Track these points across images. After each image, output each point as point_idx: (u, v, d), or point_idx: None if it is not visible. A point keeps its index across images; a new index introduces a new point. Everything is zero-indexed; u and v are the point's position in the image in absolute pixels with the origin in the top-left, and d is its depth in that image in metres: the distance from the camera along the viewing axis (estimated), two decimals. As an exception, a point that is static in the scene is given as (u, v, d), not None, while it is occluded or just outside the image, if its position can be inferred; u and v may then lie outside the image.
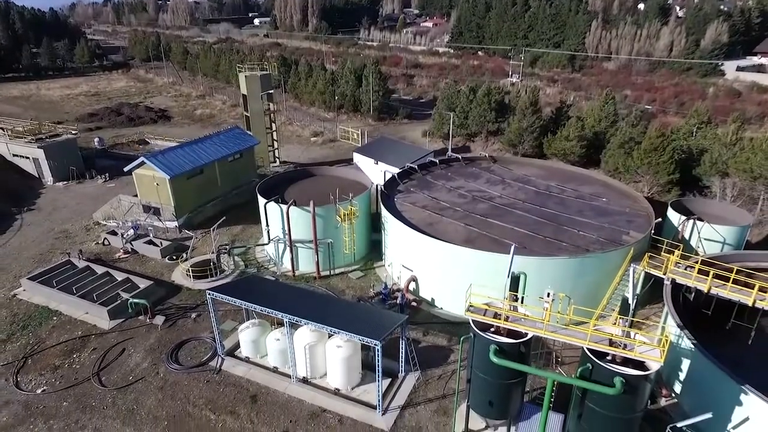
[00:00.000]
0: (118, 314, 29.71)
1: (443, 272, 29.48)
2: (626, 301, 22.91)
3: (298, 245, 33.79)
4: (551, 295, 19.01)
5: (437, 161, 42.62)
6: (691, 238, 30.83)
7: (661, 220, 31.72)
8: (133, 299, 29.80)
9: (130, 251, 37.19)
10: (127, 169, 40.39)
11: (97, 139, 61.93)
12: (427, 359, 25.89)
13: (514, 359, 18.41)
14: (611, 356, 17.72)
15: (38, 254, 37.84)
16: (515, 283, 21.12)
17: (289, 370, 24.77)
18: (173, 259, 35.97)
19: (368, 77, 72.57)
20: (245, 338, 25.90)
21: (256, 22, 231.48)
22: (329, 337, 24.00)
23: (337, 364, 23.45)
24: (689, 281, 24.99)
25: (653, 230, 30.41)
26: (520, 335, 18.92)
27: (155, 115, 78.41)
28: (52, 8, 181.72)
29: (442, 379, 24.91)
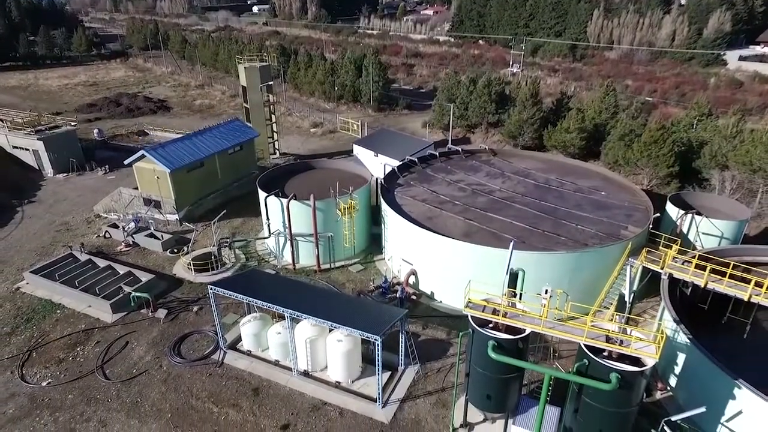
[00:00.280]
0: (120, 307, 30.02)
1: (443, 266, 29.73)
2: (623, 297, 23.16)
3: (298, 239, 33.99)
4: (549, 291, 19.26)
5: (437, 154, 42.65)
6: (689, 232, 31.01)
7: (659, 215, 31.86)
8: (135, 293, 30.10)
9: (131, 244, 37.40)
10: (127, 162, 40.45)
11: (96, 130, 61.79)
12: (426, 352, 26.25)
13: (512, 355, 18.69)
14: (607, 352, 18.01)
15: (40, 247, 38.06)
16: (513, 279, 21.33)
17: (290, 363, 25.12)
18: (174, 252, 36.19)
19: (368, 67, 72.17)
20: (247, 332, 26.23)
21: (254, 9, 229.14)
22: (330, 331, 24.30)
23: (337, 357, 23.79)
24: (686, 276, 25.25)
25: (651, 225, 30.58)
26: (518, 331, 19.19)
27: (154, 105, 78.10)
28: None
29: (441, 372, 25.28)
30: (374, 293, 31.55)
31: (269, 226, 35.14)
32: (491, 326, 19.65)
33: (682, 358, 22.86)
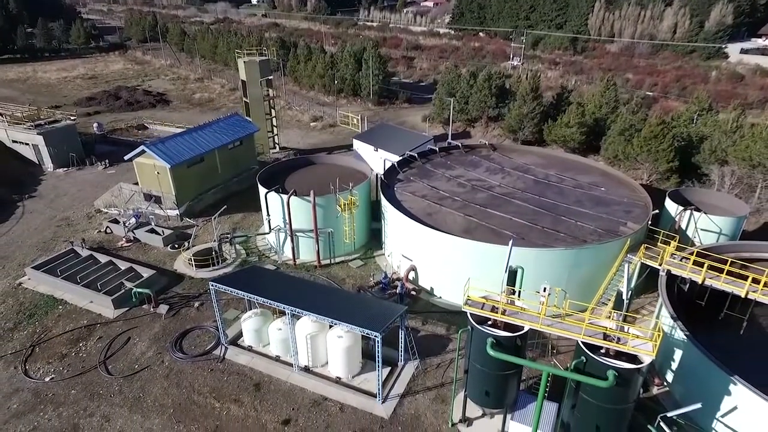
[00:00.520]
0: (122, 303, 30.22)
1: (442, 262, 29.88)
2: (621, 295, 23.32)
3: (298, 234, 34.12)
4: (547, 289, 19.43)
5: (437, 149, 42.65)
6: (687, 228, 31.13)
7: (657, 211, 31.94)
8: (136, 288, 30.28)
9: (132, 240, 37.54)
10: (127, 157, 40.46)
11: (96, 124, 61.72)
12: (425, 348, 26.48)
13: (510, 352, 18.90)
14: (605, 349, 18.21)
15: (41, 242, 38.20)
16: (512, 277, 21.48)
17: (291, 359, 25.36)
18: (175, 247, 36.34)
19: (368, 61, 71.89)
20: (248, 327, 26.44)
21: (253, 1, 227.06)
22: (330, 327, 24.50)
23: (338, 353, 24.02)
24: (684, 272, 25.42)
25: (650, 221, 30.70)
26: (516, 328, 19.38)
27: (153, 99, 77.87)
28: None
29: (440, 367, 25.53)
30: (374, 289, 31.73)
31: (269, 221, 35.25)
32: (490, 323, 19.83)
33: (679, 354, 23.08)
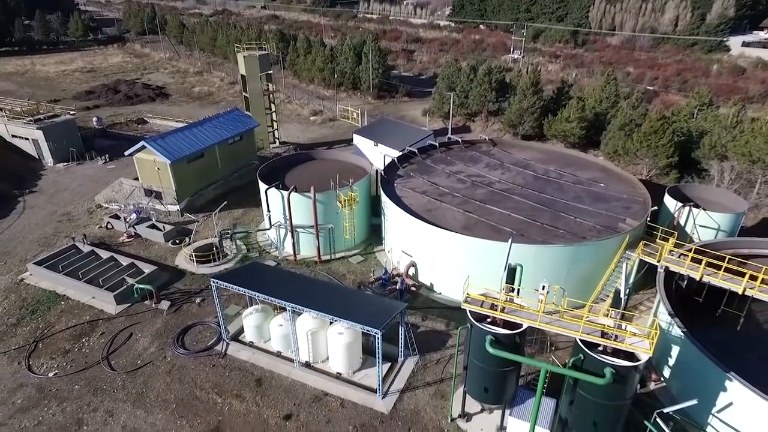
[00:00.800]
0: (124, 299, 30.43)
1: (442, 259, 30.05)
2: (619, 293, 23.52)
3: (299, 230, 34.26)
4: (546, 287, 19.59)
5: (437, 144, 42.67)
6: (686, 224, 31.26)
7: (656, 208, 32.05)
8: (138, 284, 30.47)
9: (133, 235, 37.68)
10: (128, 153, 40.50)
11: (95, 118, 61.59)
12: (425, 344, 26.73)
13: (509, 349, 19.10)
14: (602, 346, 18.41)
15: (42, 237, 38.34)
16: (512, 274, 21.64)
17: (292, 354, 25.60)
18: (176, 243, 36.50)
19: (368, 54, 71.60)
20: (249, 323, 26.66)
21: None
22: (331, 324, 24.71)
23: (338, 350, 24.25)
24: (682, 269, 25.59)
25: (649, 217, 30.82)
26: (515, 326, 19.58)
27: (153, 92, 77.64)
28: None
29: (440, 363, 25.79)
30: (374, 285, 31.94)
31: (270, 217, 35.37)
32: (489, 320, 20.03)
33: (676, 350, 23.31)
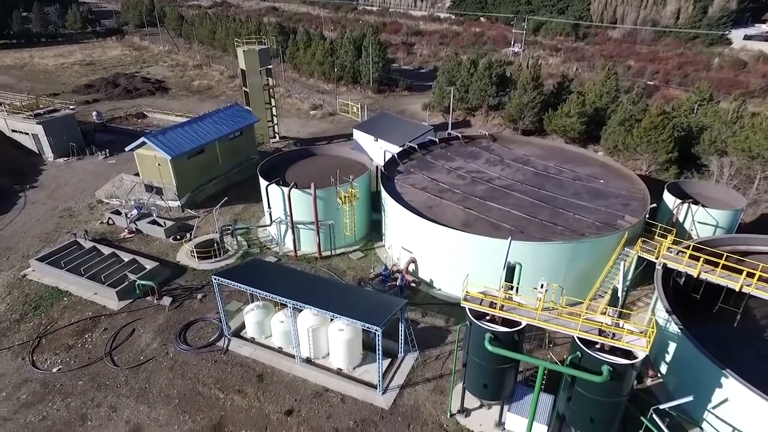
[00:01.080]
0: (126, 295, 30.65)
1: (442, 255, 30.23)
2: (617, 291, 23.71)
3: (299, 226, 34.41)
4: (545, 285, 19.77)
5: (437, 140, 42.69)
6: (685, 221, 31.41)
7: (655, 205, 32.17)
8: (140, 280, 30.67)
9: (134, 231, 37.84)
10: (128, 149, 40.52)
11: (95, 113, 61.52)
12: (425, 340, 26.98)
13: (508, 347, 19.33)
14: (600, 344, 18.64)
15: (44, 233, 38.49)
16: (511, 273, 21.83)
17: (293, 350, 25.86)
18: (177, 239, 36.67)
19: (368, 48, 71.33)
20: (250, 320, 26.90)
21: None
22: (331, 320, 24.94)
23: (339, 346, 24.50)
24: (680, 266, 25.78)
25: (648, 214, 30.95)
26: (514, 323, 19.79)
27: (152, 86, 77.48)
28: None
29: (439, 359, 26.06)
30: (374, 281, 32.15)
31: (270, 213, 35.51)
32: (488, 318, 20.24)
33: (673, 347, 23.56)
